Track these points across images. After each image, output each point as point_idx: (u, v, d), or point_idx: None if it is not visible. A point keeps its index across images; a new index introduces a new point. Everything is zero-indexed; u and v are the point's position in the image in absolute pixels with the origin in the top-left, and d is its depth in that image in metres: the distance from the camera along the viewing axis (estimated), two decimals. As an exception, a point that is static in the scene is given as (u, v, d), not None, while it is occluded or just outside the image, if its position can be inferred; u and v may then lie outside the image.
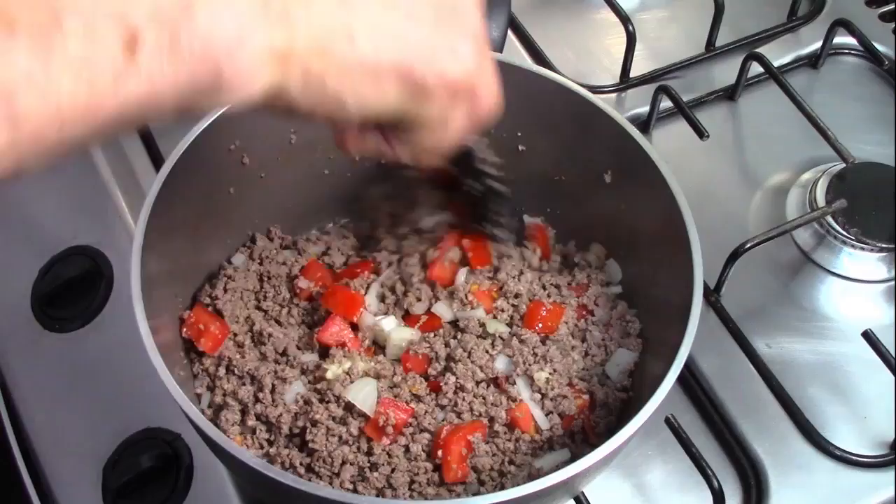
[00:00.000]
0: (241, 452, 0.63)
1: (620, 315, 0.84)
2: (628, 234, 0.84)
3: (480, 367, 0.78)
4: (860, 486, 0.84)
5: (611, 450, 0.64)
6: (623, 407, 0.79)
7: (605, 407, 0.79)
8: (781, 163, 1.06)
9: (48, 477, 0.82)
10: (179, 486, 0.80)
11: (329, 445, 0.73)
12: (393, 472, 0.73)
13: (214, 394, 0.78)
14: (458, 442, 0.74)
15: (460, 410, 0.76)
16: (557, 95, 0.81)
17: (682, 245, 0.73)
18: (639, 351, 0.81)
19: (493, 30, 0.92)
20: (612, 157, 0.82)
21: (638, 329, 0.82)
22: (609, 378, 0.81)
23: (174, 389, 0.65)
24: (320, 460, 0.73)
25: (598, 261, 0.88)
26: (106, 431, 0.82)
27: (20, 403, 0.86)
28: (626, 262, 0.86)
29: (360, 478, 0.74)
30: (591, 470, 0.64)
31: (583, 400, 0.78)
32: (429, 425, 0.75)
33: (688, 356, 0.67)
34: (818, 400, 0.89)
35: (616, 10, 1.08)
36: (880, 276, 0.97)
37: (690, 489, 0.83)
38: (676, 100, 1.00)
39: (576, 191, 0.87)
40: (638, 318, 0.83)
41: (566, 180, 0.87)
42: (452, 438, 0.74)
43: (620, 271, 0.86)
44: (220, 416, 0.76)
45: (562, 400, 0.78)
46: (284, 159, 0.85)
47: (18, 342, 0.89)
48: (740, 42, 1.14)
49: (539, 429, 0.77)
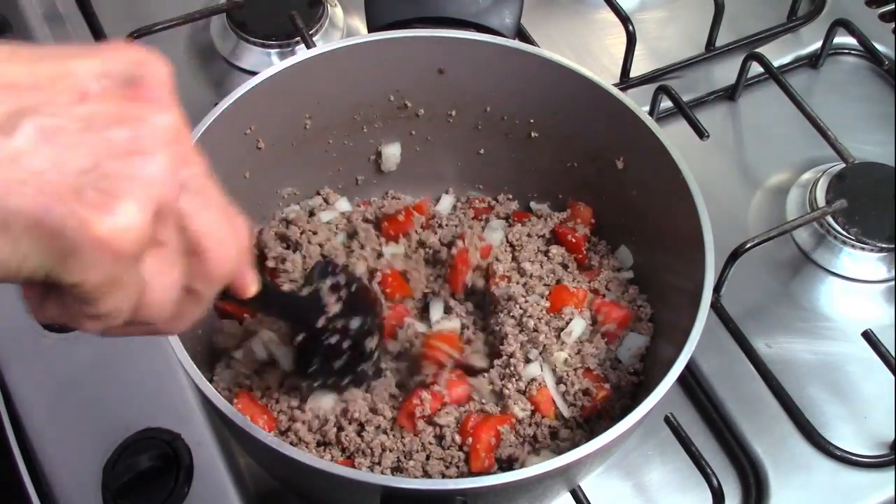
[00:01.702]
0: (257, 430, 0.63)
1: (631, 299, 0.84)
2: (639, 220, 0.85)
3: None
4: (860, 486, 0.84)
5: (608, 440, 0.64)
6: (634, 390, 0.80)
7: (618, 390, 0.79)
8: (781, 163, 1.06)
9: (48, 477, 0.82)
10: (179, 486, 0.79)
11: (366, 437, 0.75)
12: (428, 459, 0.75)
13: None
14: (488, 431, 0.75)
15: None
16: (569, 82, 0.82)
17: (693, 229, 0.73)
18: (650, 335, 0.82)
19: (506, 17, 0.93)
20: (624, 144, 0.82)
21: (649, 314, 0.83)
22: (620, 362, 0.82)
23: (190, 367, 0.65)
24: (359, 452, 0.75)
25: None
26: (106, 431, 0.82)
27: (20, 403, 0.86)
28: (637, 248, 0.87)
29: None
30: (587, 460, 0.64)
31: (605, 391, 0.79)
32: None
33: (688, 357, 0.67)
34: (818, 400, 0.89)
35: (616, 10, 1.08)
36: (880, 276, 0.97)
37: (690, 489, 0.83)
38: (676, 100, 1.00)
39: (587, 177, 0.88)
40: (649, 304, 0.84)
41: (577, 167, 0.88)
42: (482, 427, 0.75)
43: (632, 256, 0.87)
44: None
45: (581, 390, 0.79)
46: (299, 144, 0.86)
47: (18, 342, 0.89)
48: (740, 42, 1.14)
49: (560, 415, 0.78)
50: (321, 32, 1.10)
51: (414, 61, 0.84)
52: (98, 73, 0.46)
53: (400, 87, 0.87)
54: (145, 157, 0.45)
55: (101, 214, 0.43)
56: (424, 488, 0.63)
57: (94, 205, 0.43)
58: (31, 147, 0.42)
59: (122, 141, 0.44)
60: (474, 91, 0.87)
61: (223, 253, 0.50)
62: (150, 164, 0.45)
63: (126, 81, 0.47)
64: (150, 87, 0.47)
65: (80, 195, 0.42)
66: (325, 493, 0.74)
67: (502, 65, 0.84)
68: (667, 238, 0.79)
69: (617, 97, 0.80)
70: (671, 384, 0.66)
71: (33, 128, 0.43)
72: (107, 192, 0.43)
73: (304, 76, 0.81)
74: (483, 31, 0.88)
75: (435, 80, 0.86)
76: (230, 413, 0.64)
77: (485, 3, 0.93)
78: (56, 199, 0.42)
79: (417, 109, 0.88)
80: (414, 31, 0.85)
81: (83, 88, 0.45)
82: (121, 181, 0.44)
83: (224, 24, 1.11)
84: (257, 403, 0.77)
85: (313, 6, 1.11)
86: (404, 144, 0.92)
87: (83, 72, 0.46)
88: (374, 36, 0.84)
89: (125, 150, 0.44)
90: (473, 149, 0.92)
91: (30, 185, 0.42)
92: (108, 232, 0.43)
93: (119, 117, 0.45)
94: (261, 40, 1.09)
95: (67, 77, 0.45)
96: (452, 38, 0.83)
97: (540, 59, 0.83)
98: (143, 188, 0.44)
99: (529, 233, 0.88)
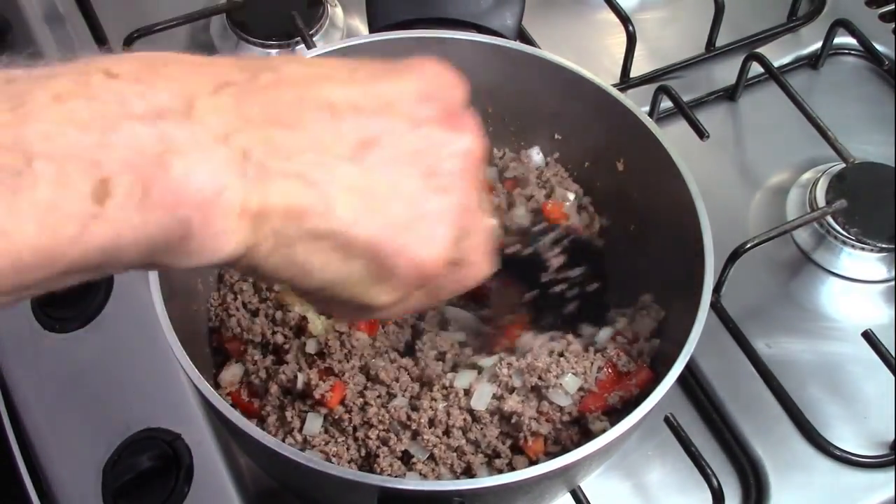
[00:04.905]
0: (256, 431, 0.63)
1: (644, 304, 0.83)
2: (639, 221, 0.84)
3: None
4: (860, 486, 0.84)
5: (608, 441, 0.64)
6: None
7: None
8: (781, 163, 1.06)
9: (48, 477, 0.82)
10: (179, 486, 0.80)
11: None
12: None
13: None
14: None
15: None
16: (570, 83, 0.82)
17: (693, 229, 0.73)
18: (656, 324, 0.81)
19: (507, 18, 0.93)
20: (624, 145, 0.82)
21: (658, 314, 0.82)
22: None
23: (189, 368, 0.65)
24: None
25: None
26: (106, 431, 0.82)
27: (20, 403, 0.86)
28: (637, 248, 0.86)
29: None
30: (587, 460, 0.64)
31: (645, 370, 0.77)
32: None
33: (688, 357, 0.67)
34: (818, 400, 0.89)
35: (616, 10, 1.08)
36: (880, 276, 0.97)
37: (690, 489, 0.83)
38: (676, 100, 1.00)
39: (588, 178, 0.88)
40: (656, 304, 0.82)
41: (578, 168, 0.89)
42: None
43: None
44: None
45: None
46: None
47: (18, 342, 0.89)
48: (740, 42, 1.14)
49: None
50: (321, 32, 1.10)
51: (415, 62, 0.84)
52: (422, 94, 0.50)
53: (400, 87, 0.87)
54: (460, 190, 0.49)
55: (426, 247, 0.48)
56: (421, 489, 0.63)
57: (421, 237, 0.48)
58: (377, 177, 0.47)
59: (444, 172, 0.49)
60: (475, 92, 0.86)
61: (480, 270, 0.54)
62: (463, 197, 0.50)
63: (445, 110, 0.50)
64: (462, 113, 0.51)
65: (411, 228, 0.48)
66: (323, 493, 0.74)
67: (503, 66, 0.84)
68: (667, 238, 0.79)
69: (617, 98, 0.80)
70: (671, 384, 0.66)
71: (380, 159, 0.47)
72: (429, 227, 0.48)
73: (304, 76, 0.81)
74: (484, 32, 0.88)
75: (436, 80, 0.85)
76: (230, 413, 0.64)
77: (486, 4, 0.92)
78: (394, 230, 0.47)
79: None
80: (415, 32, 0.85)
81: (414, 115, 0.49)
82: (439, 213, 0.49)
83: (224, 24, 1.11)
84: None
85: (313, 6, 1.11)
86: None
87: (410, 95, 0.49)
88: (375, 36, 0.84)
89: (443, 185, 0.49)
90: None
91: (378, 215, 0.47)
92: (425, 262, 0.48)
93: (442, 145, 0.49)
94: (261, 40, 1.09)
95: (400, 101, 0.49)
96: (453, 38, 0.83)
97: (540, 59, 0.83)
98: (454, 217, 0.49)
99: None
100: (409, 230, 0.48)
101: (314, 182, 0.45)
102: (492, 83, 0.85)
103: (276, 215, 0.45)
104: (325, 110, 0.46)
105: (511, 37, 0.92)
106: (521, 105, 0.87)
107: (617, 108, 0.80)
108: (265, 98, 0.45)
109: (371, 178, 0.47)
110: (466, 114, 0.52)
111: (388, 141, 0.47)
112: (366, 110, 0.47)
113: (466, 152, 0.50)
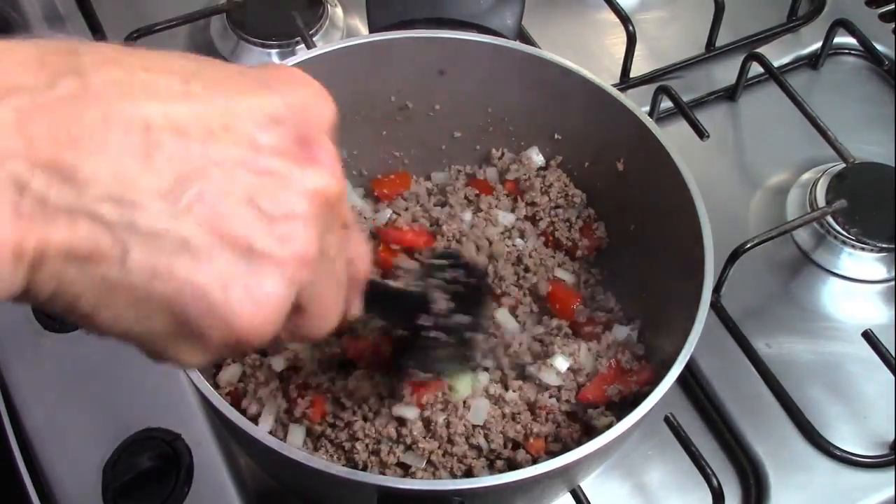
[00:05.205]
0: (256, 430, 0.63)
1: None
2: (640, 221, 0.85)
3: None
4: (860, 486, 0.84)
5: (608, 440, 0.64)
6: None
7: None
8: (781, 163, 1.06)
9: (48, 477, 0.82)
10: (179, 486, 0.80)
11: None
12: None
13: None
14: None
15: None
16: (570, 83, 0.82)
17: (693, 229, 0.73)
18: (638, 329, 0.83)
19: (507, 17, 0.93)
20: (624, 145, 0.82)
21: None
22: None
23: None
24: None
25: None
26: (106, 431, 0.82)
27: (20, 403, 0.86)
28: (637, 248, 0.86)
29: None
30: (586, 460, 0.64)
31: (649, 370, 0.78)
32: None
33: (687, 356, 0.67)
34: (818, 400, 0.89)
35: (616, 10, 1.08)
36: (880, 276, 0.97)
37: (690, 489, 0.83)
38: (676, 100, 1.00)
39: (588, 178, 0.88)
40: (651, 304, 0.83)
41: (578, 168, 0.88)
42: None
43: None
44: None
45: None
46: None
47: (18, 342, 0.89)
48: (740, 42, 1.14)
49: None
50: (321, 32, 1.10)
51: (415, 62, 0.84)
52: (272, 116, 0.42)
53: (401, 87, 0.87)
54: (301, 239, 0.41)
55: (243, 311, 0.40)
56: (421, 489, 0.63)
57: (240, 297, 0.40)
58: (193, 220, 0.39)
59: (284, 216, 0.41)
60: (475, 92, 0.87)
61: (325, 321, 0.48)
62: (304, 247, 0.41)
63: (298, 137, 0.42)
64: (318, 142, 0.43)
65: (229, 286, 0.40)
66: (322, 493, 0.74)
67: (503, 66, 0.84)
68: (667, 238, 0.79)
69: (617, 98, 0.80)
70: (671, 384, 0.66)
71: (200, 198, 0.39)
72: (252, 286, 0.40)
73: (304, 76, 0.81)
74: (484, 32, 0.88)
75: (436, 80, 0.85)
76: (230, 413, 0.64)
77: (486, 4, 0.93)
78: (205, 287, 0.39)
79: (418, 110, 0.88)
80: (415, 32, 0.85)
81: (256, 142, 0.41)
82: (270, 267, 0.40)
83: (224, 24, 1.11)
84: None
85: (313, 6, 1.11)
86: (405, 145, 0.92)
87: (255, 116, 0.41)
88: (375, 36, 0.84)
89: (282, 233, 0.41)
90: (474, 149, 0.92)
91: (179, 272, 0.39)
92: (242, 326, 0.41)
93: (284, 182, 0.41)
94: (261, 40, 1.09)
95: (240, 123, 0.41)
96: (453, 38, 0.83)
97: (540, 59, 0.83)
98: (291, 272, 0.41)
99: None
100: (226, 288, 0.40)
101: (109, 223, 0.37)
102: (492, 83, 0.85)
103: (57, 258, 0.37)
104: (137, 132, 0.38)
105: (511, 37, 0.92)
106: (521, 105, 0.87)
107: (617, 108, 0.80)
108: (60, 114, 0.37)
109: (185, 221, 0.38)
110: (325, 143, 0.43)
111: (215, 174, 0.39)
112: (191, 135, 0.39)
113: (315, 193, 0.42)
